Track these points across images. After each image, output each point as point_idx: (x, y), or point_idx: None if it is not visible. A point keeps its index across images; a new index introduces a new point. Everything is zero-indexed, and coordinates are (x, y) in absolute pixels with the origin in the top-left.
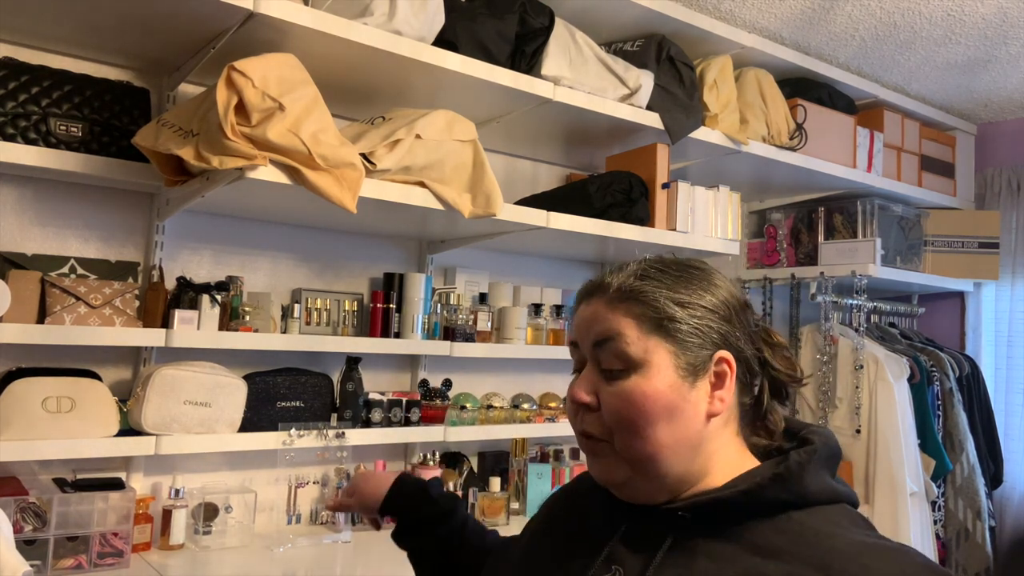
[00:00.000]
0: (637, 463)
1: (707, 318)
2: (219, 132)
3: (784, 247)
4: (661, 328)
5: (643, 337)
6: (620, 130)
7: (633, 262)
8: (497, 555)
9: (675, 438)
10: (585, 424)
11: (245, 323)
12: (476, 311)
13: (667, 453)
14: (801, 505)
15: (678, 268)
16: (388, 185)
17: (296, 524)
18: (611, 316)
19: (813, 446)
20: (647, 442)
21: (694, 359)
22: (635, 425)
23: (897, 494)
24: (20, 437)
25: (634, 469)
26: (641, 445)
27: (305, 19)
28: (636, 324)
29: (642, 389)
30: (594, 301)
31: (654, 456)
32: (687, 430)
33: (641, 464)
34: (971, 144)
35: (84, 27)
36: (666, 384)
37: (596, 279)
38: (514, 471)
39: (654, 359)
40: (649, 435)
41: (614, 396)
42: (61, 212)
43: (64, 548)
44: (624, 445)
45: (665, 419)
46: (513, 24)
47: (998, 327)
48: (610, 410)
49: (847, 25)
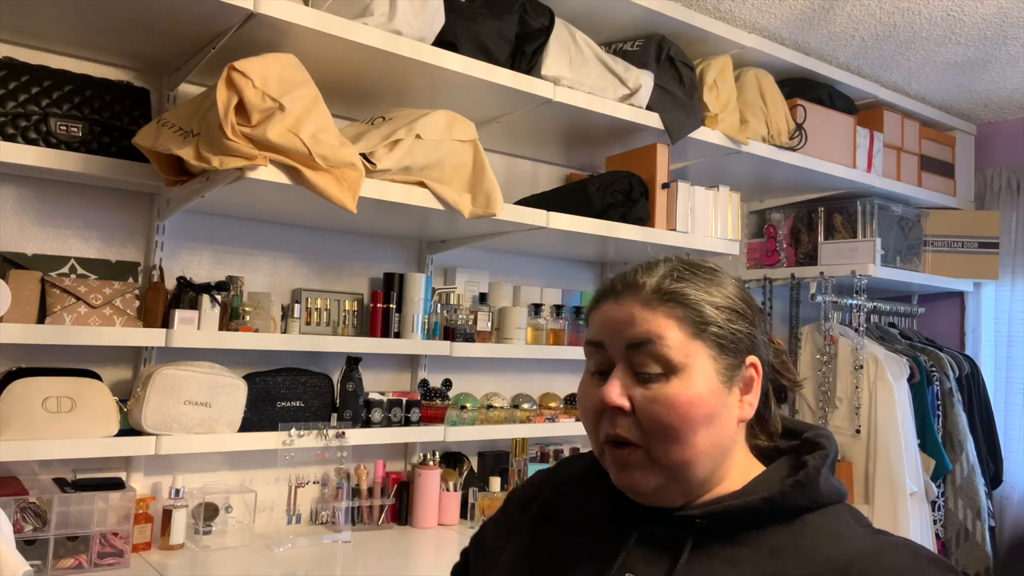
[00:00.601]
0: (673, 469)
1: (739, 323)
2: (219, 132)
3: (784, 247)
4: (703, 332)
5: (685, 341)
6: (620, 130)
7: (660, 261)
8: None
9: (711, 443)
10: (619, 429)
11: (245, 323)
12: (476, 311)
13: (703, 459)
14: (814, 508)
15: (706, 271)
16: (388, 185)
17: (296, 524)
18: (651, 317)
19: (826, 451)
20: (687, 448)
21: (730, 364)
22: (677, 431)
23: (897, 494)
24: (20, 437)
25: (668, 476)
26: (681, 451)
27: (305, 19)
28: (678, 327)
29: (686, 394)
30: (626, 301)
31: (691, 462)
32: (721, 436)
33: (677, 470)
34: (971, 144)
35: (84, 27)
36: (708, 389)
37: (625, 277)
38: (514, 471)
39: (695, 363)
40: (690, 441)
41: (653, 400)
42: (61, 212)
43: (64, 548)
44: (663, 451)
45: (705, 425)
46: (513, 24)
47: (998, 327)
48: (649, 415)
49: (847, 25)
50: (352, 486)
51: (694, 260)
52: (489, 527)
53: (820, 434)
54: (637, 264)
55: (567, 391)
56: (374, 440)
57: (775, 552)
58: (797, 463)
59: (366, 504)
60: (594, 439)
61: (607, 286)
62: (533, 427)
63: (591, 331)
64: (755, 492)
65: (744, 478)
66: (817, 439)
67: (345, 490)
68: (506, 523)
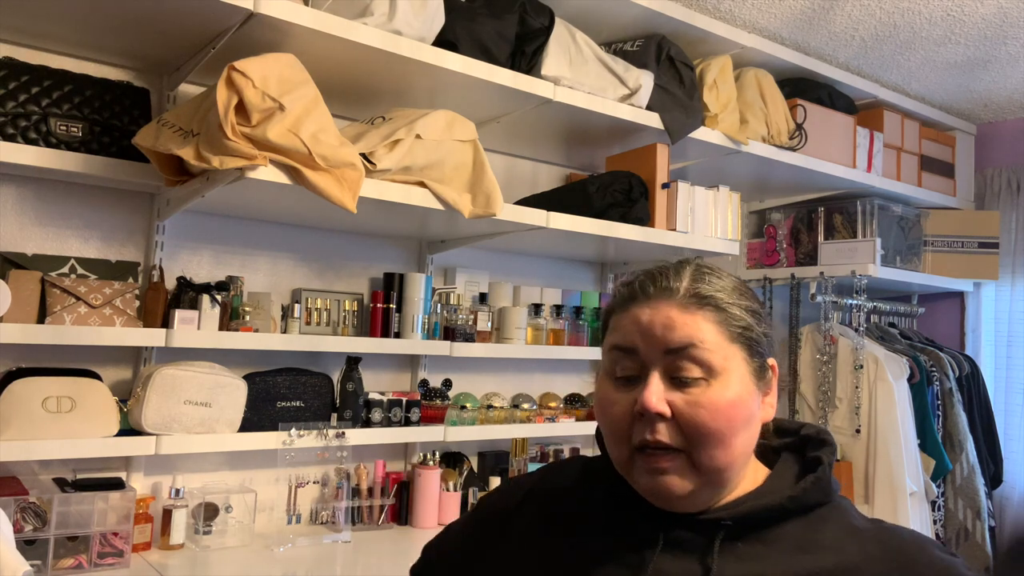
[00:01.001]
0: (712, 473)
1: (763, 325)
2: (219, 132)
3: (784, 247)
4: (739, 336)
5: (723, 344)
6: (620, 130)
7: (684, 264)
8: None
9: (746, 446)
10: (659, 435)
11: (245, 323)
12: (476, 311)
13: (738, 462)
14: (826, 503)
15: (723, 274)
16: (388, 185)
17: (296, 524)
18: (690, 321)
19: (833, 448)
20: (728, 451)
21: (759, 366)
22: (721, 435)
23: (897, 494)
24: (20, 437)
25: (704, 480)
26: (723, 455)
27: (305, 19)
28: (716, 330)
29: (728, 397)
30: (661, 304)
31: (730, 465)
32: (753, 438)
33: (715, 474)
34: (971, 144)
35: (84, 27)
36: (747, 392)
37: (655, 280)
38: (514, 471)
39: (732, 366)
40: (731, 444)
41: (696, 405)
42: (61, 212)
43: (64, 548)
44: (706, 456)
45: (744, 427)
46: (513, 24)
47: (998, 327)
48: (692, 420)
49: (847, 25)
50: (352, 486)
51: (709, 264)
52: (455, 534)
53: (821, 431)
54: (657, 266)
55: (567, 391)
56: (374, 440)
57: (802, 548)
58: (804, 460)
59: (366, 504)
60: (621, 446)
61: (632, 289)
62: (533, 427)
63: (618, 336)
64: (777, 491)
65: (753, 477)
66: (820, 436)
67: (345, 490)
68: (480, 532)
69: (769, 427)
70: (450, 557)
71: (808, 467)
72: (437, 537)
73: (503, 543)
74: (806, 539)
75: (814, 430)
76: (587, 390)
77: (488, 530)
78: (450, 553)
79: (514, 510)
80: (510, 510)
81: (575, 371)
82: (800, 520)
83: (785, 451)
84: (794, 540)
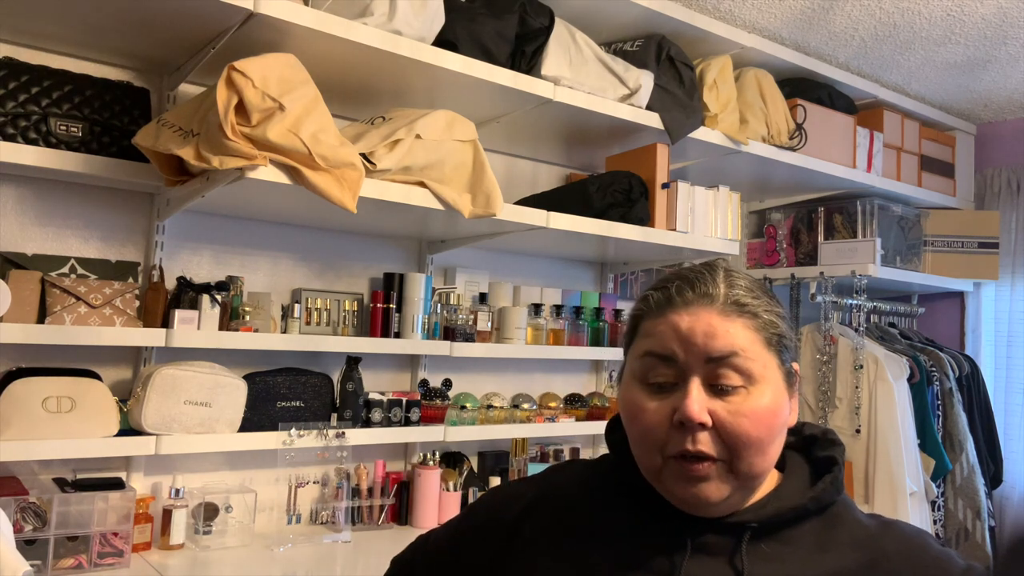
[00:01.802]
0: (748, 480)
1: (787, 326)
2: (219, 132)
3: (784, 247)
4: (774, 343)
5: (762, 352)
6: (620, 130)
7: (716, 270)
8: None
9: (778, 451)
10: (700, 445)
11: (245, 323)
12: (476, 311)
13: (771, 467)
14: (835, 501)
15: (748, 277)
16: (388, 185)
17: (296, 524)
18: (732, 329)
19: (842, 448)
20: (766, 458)
21: (788, 371)
22: (762, 443)
23: (897, 494)
24: (20, 437)
25: (739, 486)
26: (761, 462)
27: (305, 19)
28: (756, 338)
29: (768, 405)
30: (700, 311)
31: (766, 471)
32: (783, 442)
33: (751, 481)
34: (971, 144)
35: (84, 27)
36: (782, 398)
37: (692, 285)
38: (514, 471)
39: (769, 373)
40: (769, 451)
41: (739, 415)
42: (61, 212)
43: (64, 548)
44: (746, 464)
45: (780, 433)
46: (513, 24)
47: (998, 327)
48: (734, 429)
49: (847, 25)
50: (352, 486)
51: (732, 266)
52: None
53: (827, 431)
54: (689, 270)
55: (567, 391)
56: (374, 440)
57: (823, 547)
58: (813, 460)
59: (366, 504)
60: (653, 455)
61: (669, 294)
62: (533, 427)
63: (654, 342)
64: (797, 493)
65: (768, 478)
66: (827, 436)
67: (345, 490)
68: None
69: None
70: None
71: (819, 467)
72: (419, 542)
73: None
74: (825, 538)
75: (819, 430)
76: (587, 390)
77: (491, 539)
78: (437, 557)
79: (520, 518)
80: (514, 519)
81: (575, 371)
82: (816, 520)
83: (788, 450)
84: (814, 539)
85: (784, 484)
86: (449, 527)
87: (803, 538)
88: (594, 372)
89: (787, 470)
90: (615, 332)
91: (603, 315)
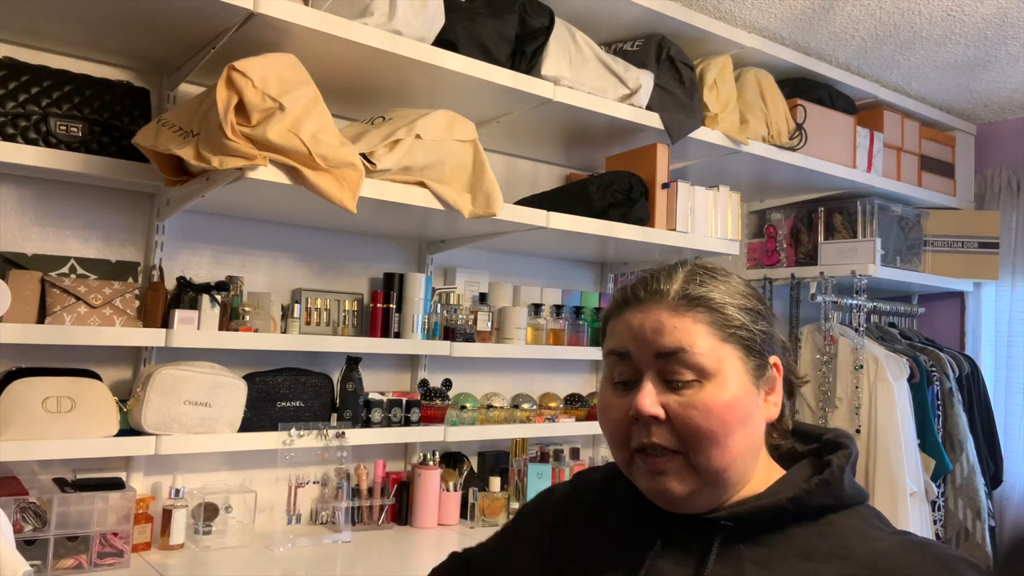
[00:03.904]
0: (711, 474)
1: (760, 323)
2: (219, 132)
3: (784, 247)
4: (732, 336)
5: (715, 345)
6: (620, 130)
7: (678, 266)
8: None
9: (746, 446)
10: (655, 437)
11: (245, 323)
12: (476, 311)
13: (738, 462)
14: (838, 508)
15: (722, 274)
16: (388, 185)
17: (296, 524)
18: (680, 325)
19: (849, 451)
20: (725, 452)
21: (757, 364)
22: (716, 435)
23: (897, 494)
24: (20, 437)
25: (704, 481)
26: (719, 455)
27: (305, 19)
28: (708, 332)
29: (722, 398)
30: (651, 309)
31: (729, 466)
32: (754, 437)
33: (714, 475)
34: (971, 144)
35: (84, 27)
36: (742, 391)
37: (646, 284)
38: (514, 471)
39: (726, 367)
40: (728, 445)
41: (689, 407)
42: (61, 212)
43: (64, 548)
44: (703, 457)
45: (741, 427)
46: (513, 24)
47: (998, 327)
48: (686, 422)
49: (847, 25)
50: (352, 486)
51: (708, 263)
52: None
53: (840, 434)
54: (653, 269)
55: (567, 391)
56: (374, 440)
57: (807, 555)
58: (819, 464)
59: (366, 504)
60: (622, 450)
61: (627, 294)
62: (533, 427)
63: (613, 340)
64: (780, 492)
65: (767, 480)
66: (838, 439)
67: (345, 490)
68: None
69: (787, 426)
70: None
71: (821, 471)
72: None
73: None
74: (811, 546)
75: (833, 434)
76: (587, 390)
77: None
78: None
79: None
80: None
81: (575, 371)
82: (808, 525)
83: (808, 456)
84: (798, 546)
85: (775, 484)
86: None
87: (788, 543)
88: (594, 372)
89: (788, 472)
90: None
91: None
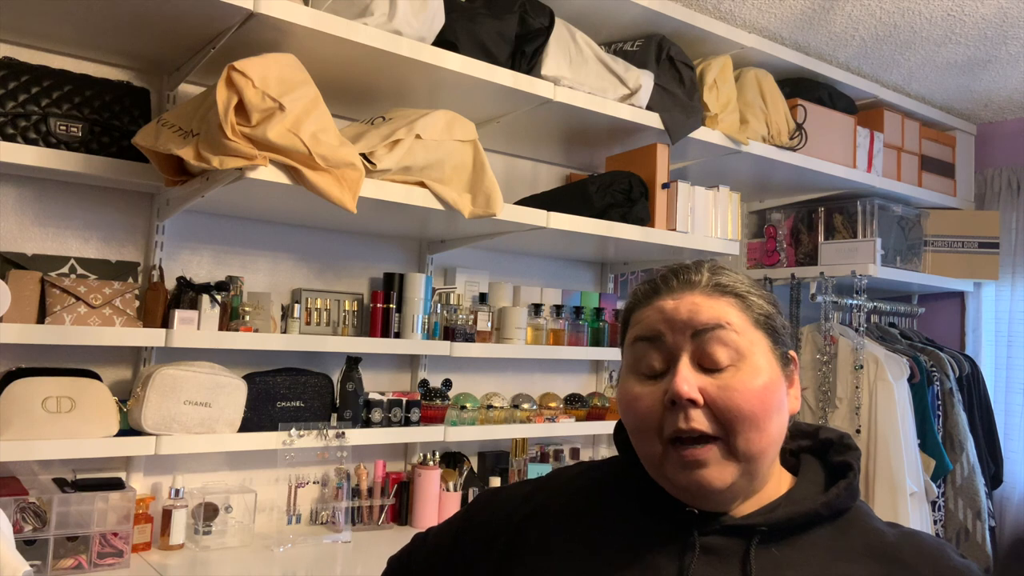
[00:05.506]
0: (750, 460)
1: (782, 317)
2: (219, 132)
3: (784, 247)
4: (760, 323)
5: (748, 328)
6: (620, 130)
7: (703, 264)
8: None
9: (779, 434)
10: (694, 423)
11: (245, 323)
12: (476, 311)
13: (772, 449)
14: (851, 507)
15: (739, 272)
16: (388, 185)
17: (296, 524)
18: (716, 305)
19: (858, 453)
20: (764, 435)
21: (782, 354)
22: (757, 417)
23: (897, 494)
24: (20, 437)
25: (742, 469)
26: (759, 438)
27: (305, 19)
28: (740, 315)
29: (760, 381)
30: (685, 294)
31: (765, 450)
32: (784, 426)
33: (753, 461)
34: (971, 144)
35: (84, 27)
36: (776, 377)
37: (676, 275)
38: (514, 471)
39: (758, 351)
40: (767, 428)
41: (728, 389)
42: (61, 212)
43: (64, 548)
44: (743, 440)
45: (777, 413)
46: (513, 24)
47: (998, 327)
48: (727, 403)
49: (847, 25)
50: (352, 486)
51: (723, 264)
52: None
53: (842, 435)
54: (675, 266)
55: (567, 391)
56: (374, 440)
57: (836, 555)
58: (827, 464)
59: (366, 504)
60: (652, 442)
61: (655, 284)
62: (533, 427)
63: (640, 327)
64: (810, 497)
65: (779, 480)
66: (843, 440)
67: (345, 490)
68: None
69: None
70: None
71: (833, 471)
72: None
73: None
74: (838, 546)
75: (835, 434)
76: (587, 390)
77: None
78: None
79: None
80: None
81: (575, 371)
82: (828, 526)
83: (804, 454)
84: (825, 546)
85: (796, 488)
86: (450, 526)
87: (815, 544)
88: (594, 372)
89: (801, 473)
90: (615, 332)
91: (603, 315)
